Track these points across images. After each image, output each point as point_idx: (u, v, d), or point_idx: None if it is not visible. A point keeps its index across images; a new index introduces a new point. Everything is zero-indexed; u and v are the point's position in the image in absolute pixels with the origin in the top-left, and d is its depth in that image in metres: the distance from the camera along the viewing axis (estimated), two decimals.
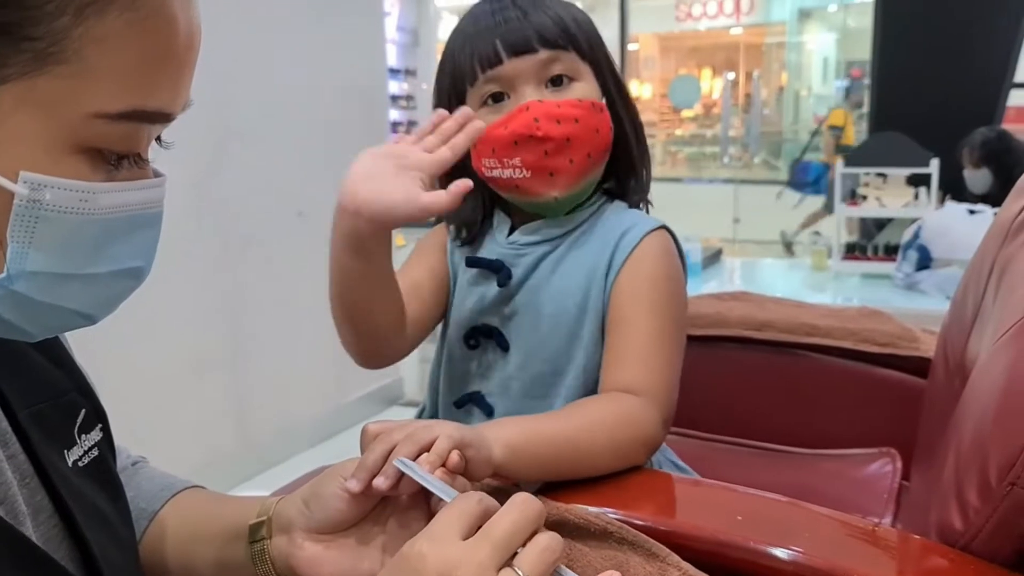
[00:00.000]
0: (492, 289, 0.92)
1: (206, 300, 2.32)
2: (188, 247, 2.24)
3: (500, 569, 0.48)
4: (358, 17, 2.87)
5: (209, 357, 2.33)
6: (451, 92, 0.90)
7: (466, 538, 0.49)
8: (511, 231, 0.94)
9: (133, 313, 2.34)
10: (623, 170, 0.95)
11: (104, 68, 0.41)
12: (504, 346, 0.92)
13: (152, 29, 0.42)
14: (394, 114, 6.16)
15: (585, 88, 0.88)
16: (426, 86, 6.54)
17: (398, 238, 3.46)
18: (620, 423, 0.79)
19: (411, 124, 6.46)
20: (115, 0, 0.40)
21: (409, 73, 6.45)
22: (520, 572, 0.48)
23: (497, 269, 0.92)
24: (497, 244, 0.94)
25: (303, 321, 2.64)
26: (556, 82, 0.87)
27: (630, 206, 0.95)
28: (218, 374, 2.37)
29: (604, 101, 0.90)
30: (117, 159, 0.45)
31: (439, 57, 0.93)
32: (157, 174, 0.49)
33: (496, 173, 0.87)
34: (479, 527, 0.50)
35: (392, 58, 6.14)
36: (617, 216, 0.92)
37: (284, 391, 2.59)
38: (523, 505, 0.50)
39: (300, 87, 2.59)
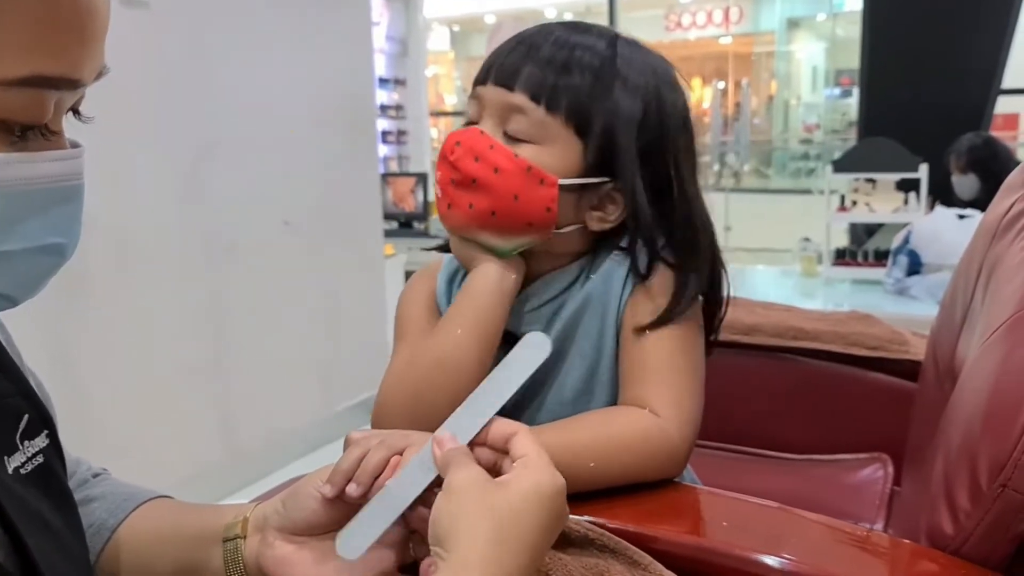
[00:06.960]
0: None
1: (190, 309, 2.29)
2: (172, 256, 2.22)
3: None
4: (345, 25, 2.85)
5: (194, 367, 2.31)
6: None
7: None
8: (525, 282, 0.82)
9: (117, 322, 2.30)
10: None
11: None
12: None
13: None
14: (383, 124, 6.14)
15: (540, 154, 0.75)
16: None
17: (387, 247, 3.43)
18: (639, 453, 0.72)
19: (401, 134, 6.44)
20: None
21: (399, 83, 6.43)
22: None
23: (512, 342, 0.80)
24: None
25: (289, 331, 2.62)
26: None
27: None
28: (203, 385, 2.35)
29: (575, 181, 0.76)
30: (22, 130, 0.43)
31: (428, 67, 0.88)
32: (74, 145, 0.47)
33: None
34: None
35: (381, 68, 6.13)
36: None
37: (270, 402, 2.57)
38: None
39: (287, 96, 2.57)
